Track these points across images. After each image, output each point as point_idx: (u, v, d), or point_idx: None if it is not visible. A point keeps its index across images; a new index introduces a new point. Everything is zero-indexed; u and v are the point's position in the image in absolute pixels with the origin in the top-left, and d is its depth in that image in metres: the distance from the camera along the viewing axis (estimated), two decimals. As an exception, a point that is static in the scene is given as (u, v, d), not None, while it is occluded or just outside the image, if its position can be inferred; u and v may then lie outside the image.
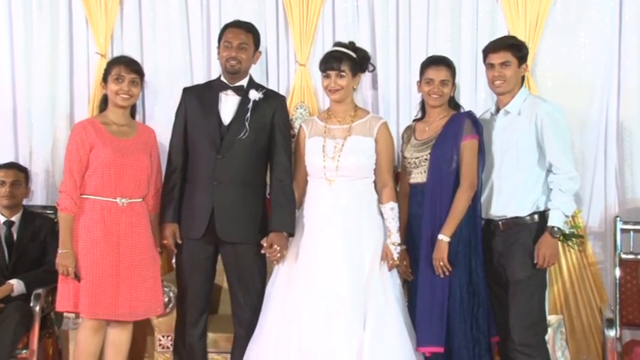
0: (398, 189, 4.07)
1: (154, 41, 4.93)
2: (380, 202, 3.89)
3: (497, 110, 3.90)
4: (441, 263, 3.70)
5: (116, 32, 4.94)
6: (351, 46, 3.97)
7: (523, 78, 3.92)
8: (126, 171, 3.80)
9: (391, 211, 3.85)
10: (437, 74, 3.87)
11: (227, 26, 4.00)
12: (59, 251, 3.73)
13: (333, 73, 3.86)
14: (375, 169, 3.92)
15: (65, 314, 4.50)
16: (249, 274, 3.91)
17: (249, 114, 3.89)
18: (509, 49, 3.80)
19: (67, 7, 4.95)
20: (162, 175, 4.03)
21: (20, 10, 4.99)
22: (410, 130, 4.03)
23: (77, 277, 3.71)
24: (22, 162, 4.80)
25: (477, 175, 3.79)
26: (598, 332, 4.49)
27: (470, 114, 3.89)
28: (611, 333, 3.96)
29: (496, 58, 3.81)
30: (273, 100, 4.00)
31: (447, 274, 3.71)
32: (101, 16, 4.88)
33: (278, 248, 3.81)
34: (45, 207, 4.79)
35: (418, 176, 3.87)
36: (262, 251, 3.84)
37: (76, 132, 3.83)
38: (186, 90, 4.07)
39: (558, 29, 4.64)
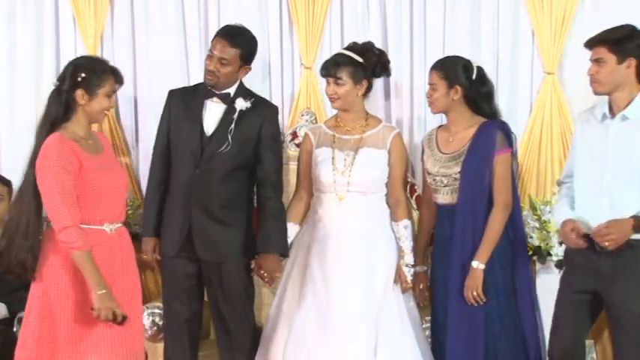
0: (414, 200, 3.96)
1: (147, 42, 4.71)
2: (393, 219, 3.70)
3: (612, 112, 3.42)
4: (474, 293, 3.47)
5: (106, 33, 4.72)
6: (365, 47, 3.74)
7: None
8: (109, 192, 3.29)
9: (405, 229, 3.67)
10: (428, 78, 3.68)
11: (218, 32, 3.79)
12: (97, 293, 3.12)
13: (331, 80, 3.66)
14: (386, 183, 3.72)
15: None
16: (236, 294, 3.72)
17: (232, 125, 3.67)
18: (604, 44, 3.38)
19: (53, 5, 4.74)
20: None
21: (3, 9, 4.77)
22: (432, 139, 3.76)
23: (124, 319, 3.16)
24: (4, 175, 4.56)
25: (513, 193, 3.56)
26: (632, 358, 4.23)
27: (501, 125, 3.63)
28: (647, 359, 3.70)
29: (591, 55, 3.42)
30: (263, 110, 3.77)
31: (481, 303, 3.49)
32: (90, 15, 4.66)
33: (265, 273, 3.65)
34: (29, 223, 4.53)
35: (447, 196, 3.63)
36: (253, 274, 3.70)
37: (59, 150, 3.15)
38: (171, 93, 3.88)
39: (587, 27, 4.30)
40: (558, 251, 4.05)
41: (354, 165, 3.64)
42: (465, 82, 3.61)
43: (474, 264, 3.48)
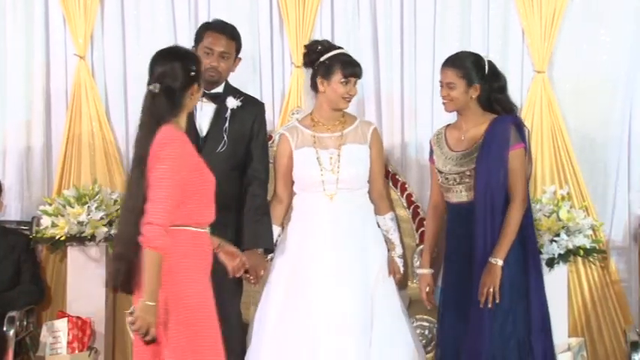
0: (405, 199, 4.04)
1: (137, 42, 4.72)
2: (378, 213, 3.74)
3: None
4: (491, 290, 3.39)
5: (96, 32, 4.72)
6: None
7: None
8: (209, 192, 3.09)
9: (391, 221, 3.75)
10: (443, 76, 3.57)
11: (208, 28, 3.76)
12: (145, 302, 2.81)
13: (354, 80, 3.68)
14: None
15: (42, 339, 4.27)
16: (231, 296, 3.69)
17: (227, 124, 3.68)
18: None
19: (44, 5, 4.74)
20: None
21: (-7, 9, 4.78)
22: (441, 138, 3.68)
23: (152, 341, 2.87)
24: (-6, 173, 4.60)
25: (527, 187, 3.52)
26: (622, 356, 4.28)
27: (514, 119, 3.54)
28: (637, 357, 3.80)
29: None
30: (253, 108, 3.78)
31: (497, 301, 3.41)
32: (80, 15, 4.65)
33: (249, 275, 3.61)
34: (19, 222, 4.58)
35: (462, 194, 3.56)
36: (237, 275, 3.56)
37: (181, 139, 2.94)
38: None
39: (576, 27, 4.42)
40: (549, 249, 4.07)
41: (340, 162, 3.65)
42: (482, 80, 3.52)
43: (493, 260, 3.41)
